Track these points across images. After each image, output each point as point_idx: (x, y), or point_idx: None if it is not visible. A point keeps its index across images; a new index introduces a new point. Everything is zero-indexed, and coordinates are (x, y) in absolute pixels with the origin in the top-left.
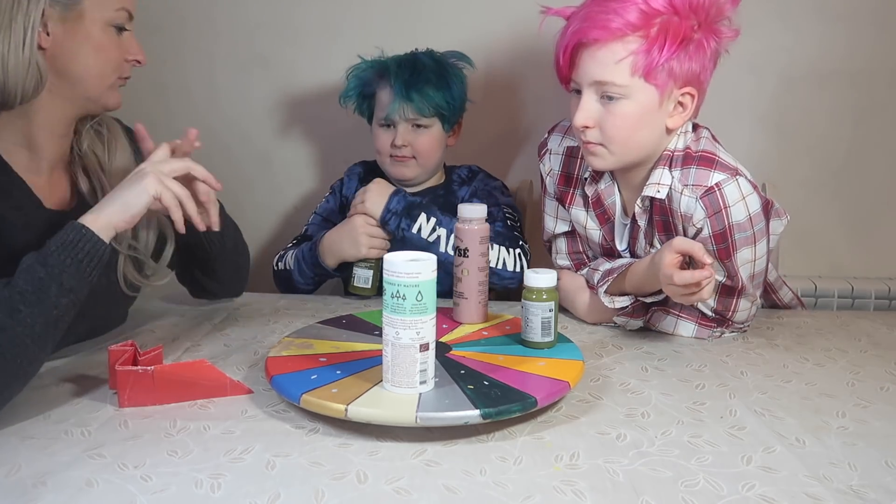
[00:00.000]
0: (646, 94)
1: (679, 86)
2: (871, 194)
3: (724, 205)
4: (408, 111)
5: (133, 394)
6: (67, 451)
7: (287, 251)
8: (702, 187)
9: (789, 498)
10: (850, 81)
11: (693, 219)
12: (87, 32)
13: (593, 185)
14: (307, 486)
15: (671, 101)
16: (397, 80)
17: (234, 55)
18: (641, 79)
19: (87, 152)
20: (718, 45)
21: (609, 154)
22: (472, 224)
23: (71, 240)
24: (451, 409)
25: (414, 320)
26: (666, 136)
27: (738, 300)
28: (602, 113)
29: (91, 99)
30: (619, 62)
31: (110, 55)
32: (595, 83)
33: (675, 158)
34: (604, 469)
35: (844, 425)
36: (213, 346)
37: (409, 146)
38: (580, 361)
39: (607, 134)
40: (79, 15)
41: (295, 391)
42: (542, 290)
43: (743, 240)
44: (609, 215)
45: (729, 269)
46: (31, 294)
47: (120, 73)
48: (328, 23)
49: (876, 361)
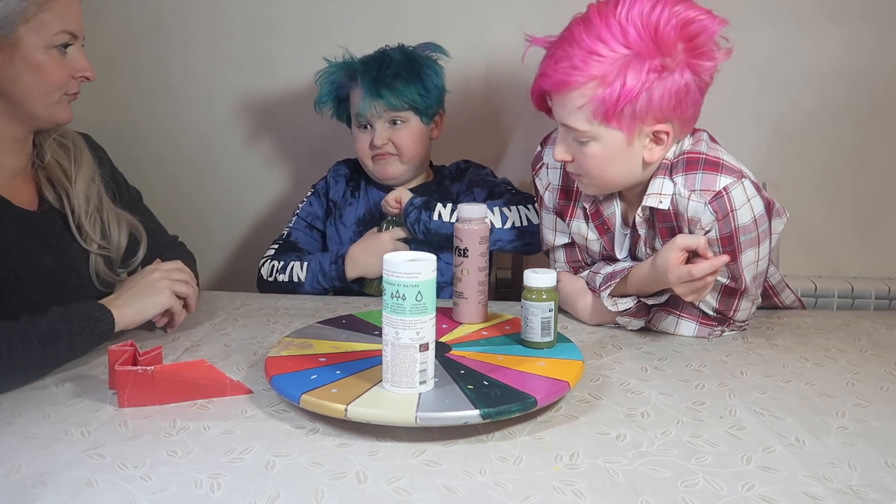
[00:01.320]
0: (610, 136)
1: (650, 123)
2: (872, 194)
3: (731, 208)
4: (380, 108)
5: (133, 394)
6: (67, 451)
7: (277, 260)
8: (710, 192)
9: (789, 498)
10: (850, 81)
11: (702, 222)
12: (25, 57)
13: (591, 197)
14: (307, 486)
15: (643, 138)
16: (365, 78)
17: (233, 55)
18: (602, 124)
19: (52, 163)
20: (698, 75)
21: (591, 185)
22: (472, 224)
23: (97, 317)
24: (450, 409)
25: (414, 320)
26: (646, 167)
27: (741, 300)
28: (576, 148)
29: (37, 117)
30: (579, 109)
31: (52, 76)
32: (563, 126)
33: (676, 165)
34: (604, 469)
35: (844, 425)
36: (213, 346)
37: (388, 143)
38: (580, 361)
39: (583, 170)
40: (15, 42)
41: (295, 391)
42: (541, 290)
43: (748, 241)
44: (609, 226)
45: (733, 271)
46: (47, 335)
47: (66, 91)
48: (327, 23)
49: (876, 361)
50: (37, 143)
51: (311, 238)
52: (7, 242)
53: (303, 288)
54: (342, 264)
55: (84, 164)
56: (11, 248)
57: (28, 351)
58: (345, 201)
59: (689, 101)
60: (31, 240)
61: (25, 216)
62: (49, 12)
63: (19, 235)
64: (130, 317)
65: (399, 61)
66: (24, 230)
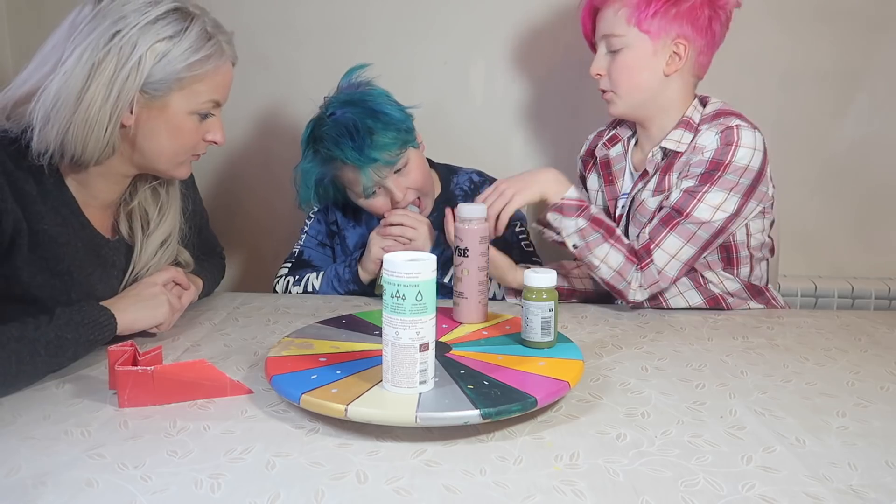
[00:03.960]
0: (641, 40)
1: (672, 38)
2: (871, 194)
3: (736, 142)
4: (381, 169)
5: (133, 394)
6: (67, 451)
7: (292, 276)
8: (724, 126)
9: (789, 498)
10: (850, 81)
11: (704, 149)
12: (168, 119)
13: (605, 150)
14: (307, 486)
15: (665, 50)
16: (348, 156)
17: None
18: (635, 28)
19: (138, 206)
20: (713, 11)
21: (618, 98)
22: (472, 224)
23: (102, 322)
24: (450, 409)
25: (414, 320)
26: (665, 81)
27: (668, 234)
28: (609, 62)
29: (160, 171)
30: (618, 13)
31: (187, 140)
32: (604, 37)
33: (702, 120)
34: (604, 469)
35: (844, 425)
36: (213, 346)
37: (406, 192)
38: (580, 361)
39: (613, 79)
40: (164, 104)
41: (295, 391)
42: (541, 290)
43: (726, 182)
44: (613, 178)
45: (685, 200)
46: (54, 345)
47: (194, 152)
48: (328, 23)
49: (876, 361)
50: (134, 180)
51: (323, 255)
52: (74, 265)
53: (316, 294)
54: (355, 265)
55: (169, 219)
56: (76, 271)
57: (35, 363)
58: (346, 223)
59: (703, 26)
60: (94, 266)
61: (98, 241)
62: (204, 83)
63: (86, 260)
64: (128, 323)
65: (358, 117)
66: (92, 256)
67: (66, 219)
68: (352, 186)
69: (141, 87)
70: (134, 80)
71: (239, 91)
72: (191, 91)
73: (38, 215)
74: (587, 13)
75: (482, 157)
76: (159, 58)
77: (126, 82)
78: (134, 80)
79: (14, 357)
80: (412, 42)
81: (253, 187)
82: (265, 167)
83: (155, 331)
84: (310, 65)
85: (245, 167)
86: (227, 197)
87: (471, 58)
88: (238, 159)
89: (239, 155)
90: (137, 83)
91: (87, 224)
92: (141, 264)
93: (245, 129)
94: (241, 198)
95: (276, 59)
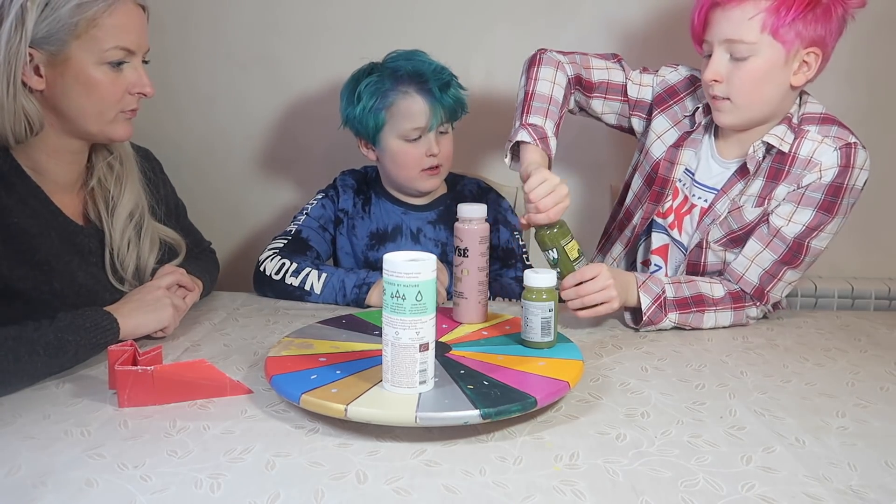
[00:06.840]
0: (773, 50)
1: (805, 46)
2: (872, 194)
3: (853, 164)
4: (443, 116)
5: (133, 394)
6: (67, 451)
7: (288, 259)
8: (843, 141)
9: (789, 498)
10: (850, 81)
11: (822, 165)
12: (77, 74)
13: (703, 117)
14: (307, 486)
15: (796, 60)
16: (432, 86)
17: (234, 55)
18: (769, 36)
19: (98, 185)
20: (845, 11)
21: (734, 108)
22: (472, 224)
23: (104, 326)
24: (450, 409)
25: (413, 320)
26: (789, 94)
27: (786, 273)
28: (730, 69)
29: (92, 134)
30: (751, 19)
31: (105, 93)
32: (726, 41)
33: (805, 119)
34: (604, 469)
35: (844, 425)
36: (212, 346)
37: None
38: (580, 361)
39: (734, 88)
40: (66, 58)
41: (295, 391)
42: (541, 290)
43: (842, 208)
44: (687, 146)
45: (805, 235)
46: (54, 346)
47: (122, 108)
48: (328, 23)
49: (876, 361)
50: (92, 159)
51: (322, 239)
52: (51, 254)
53: (312, 298)
54: (366, 292)
55: (127, 192)
56: (53, 260)
57: (34, 362)
58: (356, 213)
59: (836, 33)
60: (72, 255)
61: (72, 229)
62: (101, 28)
63: (62, 249)
64: (131, 328)
65: (441, 67)
66: (68, 244)
67: (36, 209)
68: (407, 118)
69: (32, 41)
70: (20, 35)
71: (238, 91)
72: (89, 38)
73: (5, 210)
74: (702, 11)
75: (482, 157)
76: (42, 6)
77: (12, 40)
78: (20, 35)
79: (11, 355)
80: (412, 42)
81: (253, 187)
82: (265, 167)
83: (161, 334)
84: (310, 65)
85: (245, 167)
86: (226, 197)
87: (471, 58)
88: (238, 159)
89: (239, 154)
90: (26, 38)
91: (59, 212)
92: (116, 244)
93: (245, 128)
94: (241, 198)
95: (276, 59)
